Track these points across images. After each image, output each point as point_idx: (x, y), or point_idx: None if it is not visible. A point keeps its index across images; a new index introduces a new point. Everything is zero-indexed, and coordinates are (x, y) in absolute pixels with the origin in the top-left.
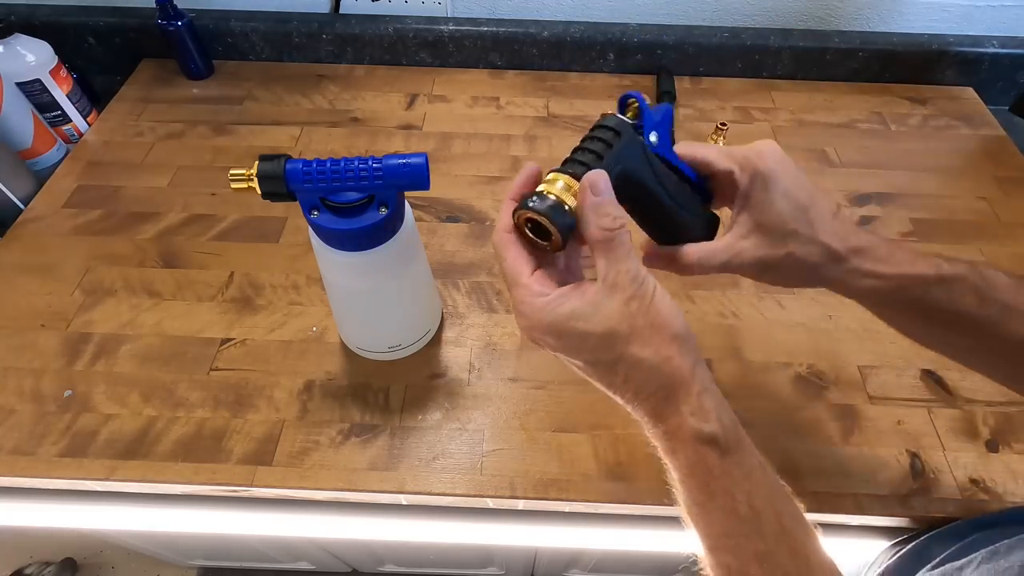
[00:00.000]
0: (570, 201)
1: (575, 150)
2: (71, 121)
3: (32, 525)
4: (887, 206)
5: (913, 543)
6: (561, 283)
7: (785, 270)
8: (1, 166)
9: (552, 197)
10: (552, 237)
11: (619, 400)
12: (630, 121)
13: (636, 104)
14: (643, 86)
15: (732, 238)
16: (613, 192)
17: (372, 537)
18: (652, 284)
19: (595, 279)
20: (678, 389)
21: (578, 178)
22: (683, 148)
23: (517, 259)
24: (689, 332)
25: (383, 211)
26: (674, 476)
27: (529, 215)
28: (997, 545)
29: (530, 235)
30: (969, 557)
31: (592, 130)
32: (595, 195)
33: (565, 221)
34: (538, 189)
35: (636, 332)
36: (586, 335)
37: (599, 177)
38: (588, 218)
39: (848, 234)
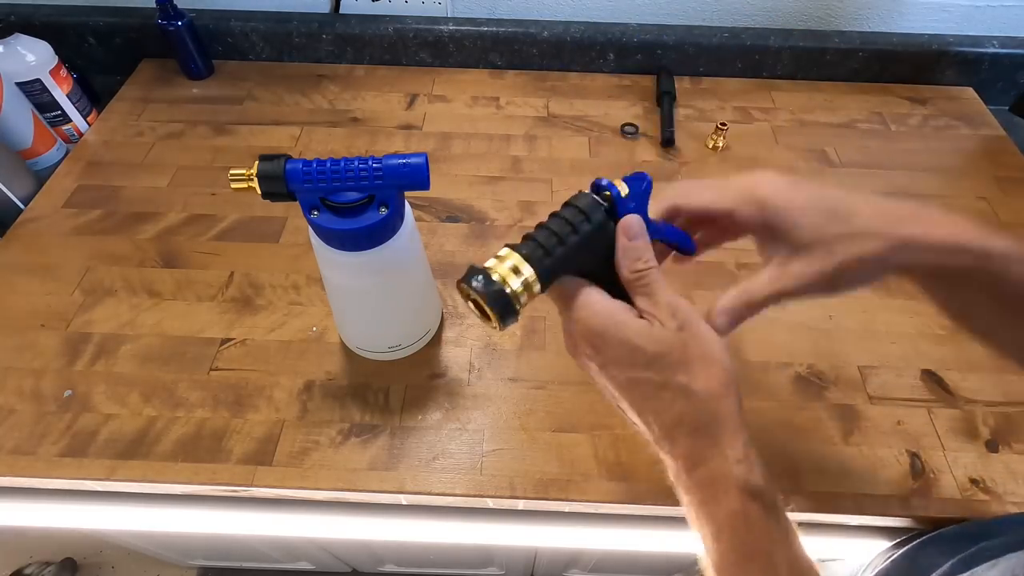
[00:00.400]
0: (514, 284)
1: (539, 226)
2: (71, 121)
3: (32, 525)
4: None
5: (905, 548)
6: None
7: (849, 273)
8: (1, 166)
9: (496, 277)
10: (491, 320)
11: (649, 433)
12: (603, 202)
13: (610, 195)
14: (643, 86)
15: (775, 269)
16: (647, 235)
17: (372, 537)
18: (697, 316)
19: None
20: (724, 432)
21: (529, 259)
22: (678, 199)
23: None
24: (736, 372)
25: (383, 211)
26: (705, 530)
27: (471, 294)
28: (994, 560)
29: (472, 307)
30: (972, 570)
31: (563, 207)
32: (628, 239)
33: (506, 309)
34: (487, 264)
35: (688, 361)
36: (636, 349)
37: (633, 221)
38: (620, 261)
39: (888, 211)
